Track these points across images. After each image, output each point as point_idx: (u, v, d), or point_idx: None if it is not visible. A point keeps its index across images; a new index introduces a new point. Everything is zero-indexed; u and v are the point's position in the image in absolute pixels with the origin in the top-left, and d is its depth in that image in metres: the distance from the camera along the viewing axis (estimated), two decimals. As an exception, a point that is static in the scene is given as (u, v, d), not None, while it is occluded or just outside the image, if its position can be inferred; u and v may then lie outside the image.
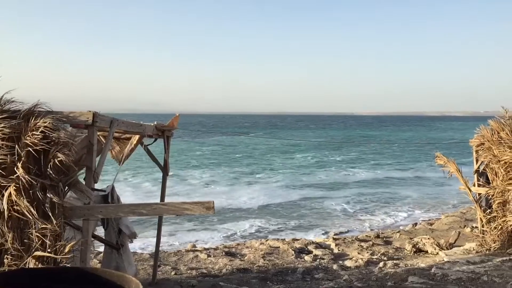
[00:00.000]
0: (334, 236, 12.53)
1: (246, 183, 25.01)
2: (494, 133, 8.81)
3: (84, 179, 4.16)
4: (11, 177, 3.70)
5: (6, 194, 3.63)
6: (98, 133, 4.82)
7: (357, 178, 27.60)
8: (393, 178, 27.40)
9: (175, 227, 14.24)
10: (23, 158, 3.71)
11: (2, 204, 3.66)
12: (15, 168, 3.69)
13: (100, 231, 5.92)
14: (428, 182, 24.91)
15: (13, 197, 3.62)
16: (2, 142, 3.75)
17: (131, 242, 5.90)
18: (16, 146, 3.75)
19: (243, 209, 17.89)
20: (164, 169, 6.37)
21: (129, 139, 6.13)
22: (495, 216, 8.86)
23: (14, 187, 3.63)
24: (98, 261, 8.20)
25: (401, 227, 14.56)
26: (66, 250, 3.75)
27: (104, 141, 5.02)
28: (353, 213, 17.44)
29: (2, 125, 3.78)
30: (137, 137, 5.88)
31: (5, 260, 3.74)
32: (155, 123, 5.96)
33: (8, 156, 3.72)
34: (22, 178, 3.64)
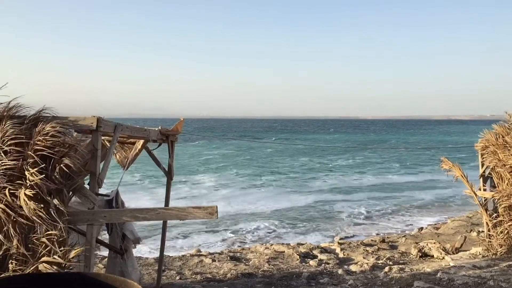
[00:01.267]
0: (339, 241, 12.51)
1: (258, 187, 25.25)
2: (499, 137, 8.78)
3: (88, 184, 4.18)
4: (18, 181, 3.73)
5: (21, 199, 3.65)
6: (102, 137, 4.85)
7: (366, 182, 27.64)
8: (402, 182, 27.37)
9: (183, 231, 14.30)
10: (34, 162, 3.73)
11: (15, 208, 3.68)
12: (26, 173, 3.71)
13: (105, 236, 5.94)
14: (437, 186, 24.81)
15: (24, 201, 3.64)
16: (11, 147, 3.78)
17: (135, 247, 5.91)
18: (26, 151, 3.77)
19: (253, 213, 17.97)
20: (169, 174, 6.39)
21: (133, 144, 6.16)
22: (501, 221, 8.81)
23: (25, 192, 3.65)
24: (103, 266, 8.23)
25: (406, 232, 14.51)
26: (72, 255, 3.77)
27: (108, 146, 5.04)
28: (360, 217, 17.40)
29: (11, 130, 3.82)
30: (141, 142, 5.91)
31: (10, 265, 3.76)
32: (160, 127, 5.99)
33: (20, 160, 3.75)
34: (34, 183, 3.65)
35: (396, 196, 22.14)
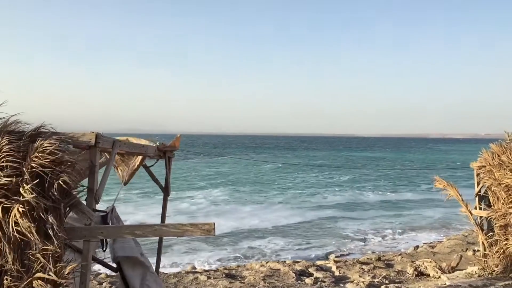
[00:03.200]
0: (335, 259, 12.45)
1: (257, 203, 25.23)
2: (495, 156, 8.83)
3: (85, 200, 4.17)
4: (14, 197, 3.71)
5: (12, 215, 3.63)
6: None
7: (366, 199, 27.75)
8: (399, 200, 27.41)
9: (179, 247, 14.20)
10: (28, 179, 3.72)
11: (7, 225, 3.66)
12: (20, 189, 3.70)
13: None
14: (433, 205, 24.81)
15: (17, 218, 3.62)
16: (7, 163, 3.77)
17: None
18: (22, 167, 3.76)
19: (250, 229, 17.95)
20: (165, 190, 6.38)
21: (130, 158, 6.15)
22: (497, 240, 8.81)
23: (18, 208, 3.63)
24: (97, 283, 8.15)
25: (402, 250, 14.46)
26: (67, 271, 3.74)
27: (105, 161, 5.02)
28: (357, 235, 17.36)
29: (8, 146, 3.81)
30: (139, 158, 5.91)
31: (5, 282, 3.73)
32: (157, 143, 5.99)
33: (14, 177, 3.73)
34: (28, 200, 3.64)
35: (394, 215, 22.14)
